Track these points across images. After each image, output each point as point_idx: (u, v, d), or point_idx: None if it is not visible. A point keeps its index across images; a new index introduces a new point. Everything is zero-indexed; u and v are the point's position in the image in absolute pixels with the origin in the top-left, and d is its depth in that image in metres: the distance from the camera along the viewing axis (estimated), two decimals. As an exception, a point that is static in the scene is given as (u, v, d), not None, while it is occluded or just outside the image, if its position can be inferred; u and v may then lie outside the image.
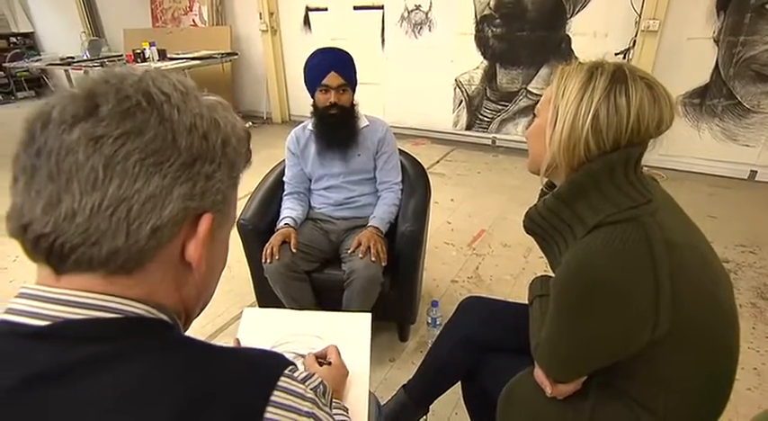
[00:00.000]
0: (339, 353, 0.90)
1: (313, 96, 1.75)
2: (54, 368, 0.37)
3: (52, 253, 0.39)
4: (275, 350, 1.02)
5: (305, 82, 1.74)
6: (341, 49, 1.73)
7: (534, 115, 0.89)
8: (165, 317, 0.44)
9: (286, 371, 0.44)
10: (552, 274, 1.01)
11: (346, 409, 0.76)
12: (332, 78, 1.67)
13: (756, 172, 3.48)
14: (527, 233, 0.94)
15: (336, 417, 0.64)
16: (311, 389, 0.45)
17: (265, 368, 0.44)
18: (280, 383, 0.42)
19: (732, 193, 3.32)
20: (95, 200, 0.37)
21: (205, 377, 0.40)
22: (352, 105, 1.76)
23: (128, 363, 0.38)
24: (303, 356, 1.01)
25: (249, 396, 0.40)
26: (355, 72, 1.74)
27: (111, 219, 0.37)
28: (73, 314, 0.39)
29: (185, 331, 0.49)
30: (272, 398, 0.41)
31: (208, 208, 0.43)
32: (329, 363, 0.88)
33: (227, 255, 0.53)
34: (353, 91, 1.75)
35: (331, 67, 1.67)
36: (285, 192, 1.87)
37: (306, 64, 1.72)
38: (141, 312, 0.41)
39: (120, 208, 0.37)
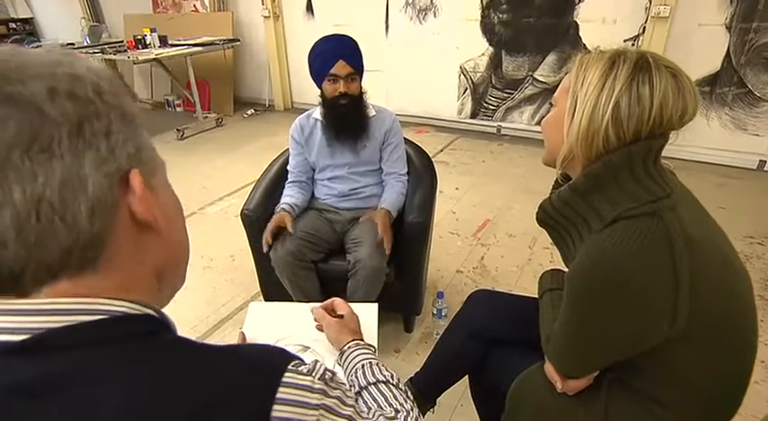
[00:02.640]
0: (346, 302, 0.95)
1: (320, 86, 1.70)
2: (42, 379, 0.34)
3: (4, 283, 0.35)
4: (281, 343, 1.02)
5: (311, 72, 1.69)
6: (347, 36, 1.67)
7: (551, 104, 0.86)
8: (150, 312, 0.41)
9: (290, 367, 0.42)
10: (562, 267, 0.99)
11: (375, 350, 0.83)
12: (340, 67, 1.61)
13: (765, 162, 3.42)
14: (539, 225, 0.92)
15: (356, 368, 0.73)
16: (319, 379, 0.43)
17: (268, 365, 0.42)
18: (284, 379, 0.41)
19: (741, 184, 3.27)
20: (11, 215, 0.33)
21: (206, 380, 0.38)
22: (362, 94, 1.72)
23: (125, 370, 0.36)
24: (308, 348, 1.00)
25: (253, 396, 0.39)
26: (362, 59, 1.69)
27: (39, 223, 0.33)
28: (54, 323, 0.35)
29: (173, 289, 0.47)
30: (278, 395, 0.39)
31: (127, 165, 0.38)
32: (341, 316, 0.93)
33: (179, 202, 0.48)
34: (361, 79, 1.71)
35: (339, 55, 1.61)
36: (288, 181, 1.85)
37: (311, 53, 1.66)
38: (125, 309, 0.39)
39: (41, 209, 0.33)
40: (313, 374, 0.43)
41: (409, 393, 0.70)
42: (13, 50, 0.36)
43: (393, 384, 0.70)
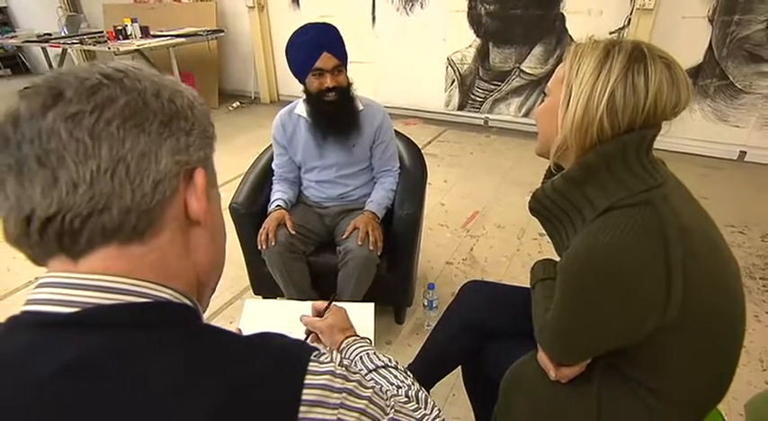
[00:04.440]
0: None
1: (303, 81, 1.58)
2: (88, 357, 0.37)
3: (63, 234, 0.38)
4: None
5: (290, 65, 1.56)
6: (328, 25, 1.55)
7: (545, 94, 0.86)
8: (188, 302, 0.45)
9: (312, 357, 0.45)
10: (554, 256, 1.00)
11: (370, 341, 0.86)
12: (325, 60, 1.49)
13: (746, 152, 3.50)
14: (532, 214, 0.92)
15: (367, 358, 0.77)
16: (339, 365, 0.46)
17: (294, 354, 0.45)
18: (310, 368, 0.43)
19: (722, 174, 3.34)
20: (92, 166, 0.38)
21: (239, 365, 0.41)
22: (349, 85, 1.62)
23: (166, 354, 0.39)
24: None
25: (284, 381, 0.42)
26: (346, 48, 1.57)
27: (112, 180, 0.38)
28: (103, 299, 0.39)
29: (203, 306, 0.50)
30: (306, 381, 0.42)
31: (195, 163, 0.44)
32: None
33: (225, 229, 0.54)
34: (347, 69, 1.60)
35: (323, 46, 1.49)
36: (275, 177, 1.81)
37: (289, 45, 1.53)
38: (168, 297, 0.42)
39: (118, 168, 0.38)
40: (333, 361, 0.46)
41: (408, 372, 0.74)
42: (143, 65, 0.45)
43: (392, 367, 0.75)
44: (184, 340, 0.41)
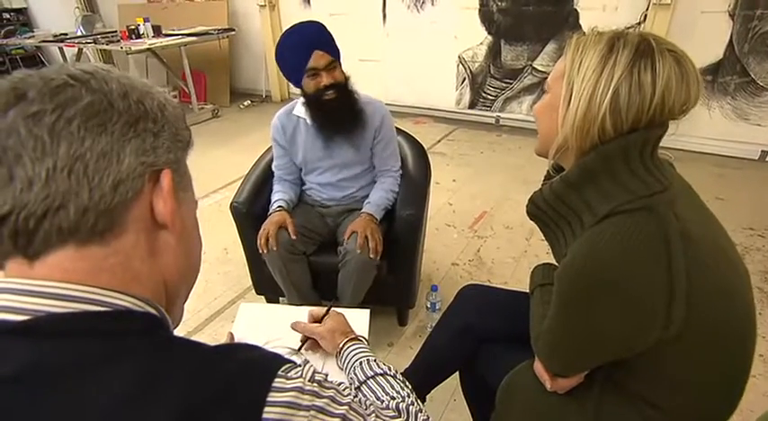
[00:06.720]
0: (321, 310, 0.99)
1: (298, 84, 1.54)
2: (37, 366, 0.35)
3: (18, 233, 0.37)
4: (269, 345, 1.00)
5: (283, 69, 1.54)
6: (314, 22, 1.52)
7: (543, 90, 0.81)
8: (152, 311, 0.43)
9: (280, 372, 0.43)
10: (555, 262, 0.96)
11: (367, 341, 0.87)
12: (317, 58, 1.46)
13: (767, 152, 3.38)
14: (530, 219, 0.88)
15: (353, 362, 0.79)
16: (309, 381, 0.44)
17: (260, 368, 0.43)
18: (275, 384, 0.41)
19: (741, 175, 3.23)
20: (48, 164, 0.37)
21: (198, 379, 0.39)
22: (346, 79, 1.57)
23: (122, 364, 0.37)
24: (298, 351, 0.98)
25: (245, 397, 0.40)
26: (335, 42, 1.52)
27: (69, 178, 0.37)
28: (56, 307, 0.37)
29: (174, 317, 0.49)
30: (269, 398, 0.40)
31: (163, 165, 0.43)
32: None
33: (200, 235, 0.52)
34: (341, 63, 1.56)
35: (312, 46, 1.46)
36: (275, 178, 1.79)
37: (279, 49, 1.50)
38: (128, 305, 0.41)
39: (75, 166, 0.37)
40: (303, 376, 0.44)
41: (407, 382, 0.72)
42: (114, 68, 0.44)
43: (391, 375, 0.74)
44: (142, 351, 0.39)
